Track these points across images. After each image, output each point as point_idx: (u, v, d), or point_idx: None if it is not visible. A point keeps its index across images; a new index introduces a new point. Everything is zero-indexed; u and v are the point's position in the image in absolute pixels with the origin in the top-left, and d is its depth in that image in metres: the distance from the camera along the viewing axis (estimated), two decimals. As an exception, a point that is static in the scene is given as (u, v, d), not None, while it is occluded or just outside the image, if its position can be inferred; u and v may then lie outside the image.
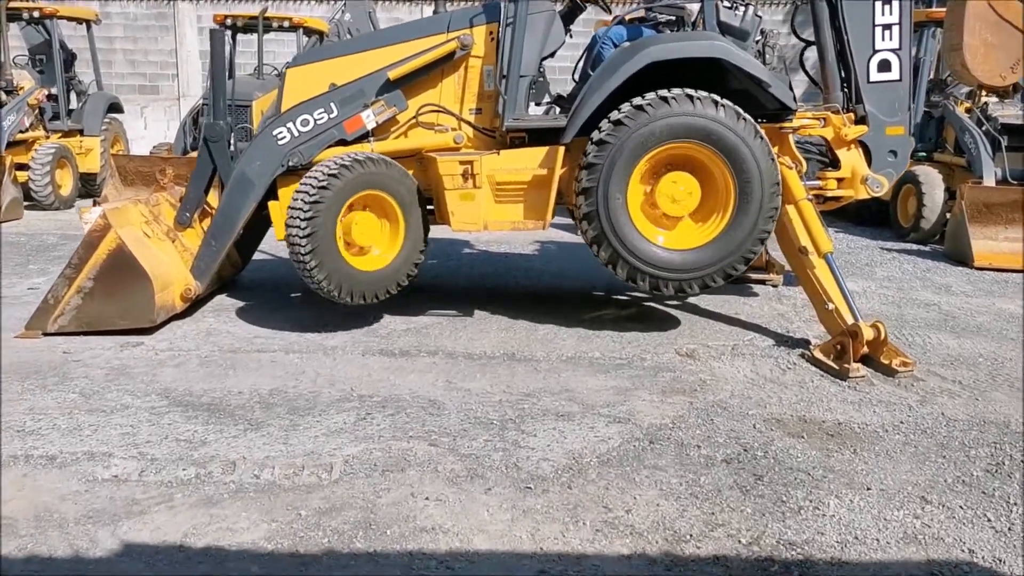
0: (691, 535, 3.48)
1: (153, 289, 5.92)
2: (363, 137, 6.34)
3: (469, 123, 6.33)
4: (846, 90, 6.59)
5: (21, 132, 12.78)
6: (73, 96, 14.39)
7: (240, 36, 14.43)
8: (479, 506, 3.67)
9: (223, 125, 6.56)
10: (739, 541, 3.45)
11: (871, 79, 6.46)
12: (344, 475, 3.92)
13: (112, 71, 17.47)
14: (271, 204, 6.32)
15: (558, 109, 6.88)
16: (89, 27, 14.73)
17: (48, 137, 13.28)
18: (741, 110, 5.76)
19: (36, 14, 13.67)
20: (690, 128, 5.71)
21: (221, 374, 5.28)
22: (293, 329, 6.25)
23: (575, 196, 5.90)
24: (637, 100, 5.76)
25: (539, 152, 6.07)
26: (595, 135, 5.80)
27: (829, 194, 6.55)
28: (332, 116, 6.28)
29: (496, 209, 6.11)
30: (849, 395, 5.10)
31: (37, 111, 13.25)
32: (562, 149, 6.01)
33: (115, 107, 14.81)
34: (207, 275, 6.42)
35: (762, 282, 7.88)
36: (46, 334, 5.96)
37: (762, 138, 5.77)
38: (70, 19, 14.51)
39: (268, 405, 4.76)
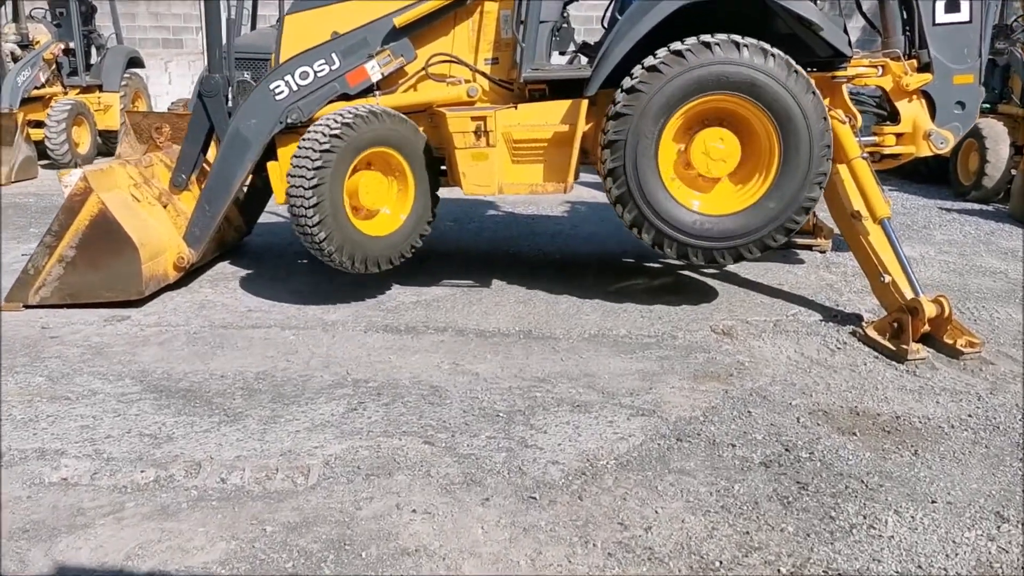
0: (721, 561, 2.94)
1: (140, 258, 5.45)
2: (368, 91, 5.76)
3: (484, 74, 5.73)
4: (908, 33, 5.88)
5: (36, 88, 12.36)
6: (94, 51, 13.94)
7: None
8: (473, 521, 3.15)
9: (219, 79, 6.03)
10: (778, 570, 2.90)
11: (937, 21, 5.74)
12: (323, 480, 3.43)
13: (134, 24, 16.99)
14: (269, 165, 5.81)
15: (583, 59, 6.24)
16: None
17: (65, 93, 12.87)
18: (793, 61, 5.09)
19: (52, -36, 13.22)
20: (734, 79, 5.06)
21: (207, 354, 4.81)
22: (294, 301, 5.76)
23: (600, 150, 5.29)
24: (676, 45, 5.11)
25: (561, 106, 5.46)
26: (626, 82, 5.17)
27: (887, 151, 5.88)
28: (334, 68, 5.72)
29: (512, 170, 5.52)
30: (908, 381, 4.49)
31: (54, 66, 12.82)
32: (586, 102, 5.39)
33: (135, 62, 14.34)
34: (201, 242, 5.94)
35: (808, 247, 7.21)
36: (27, 306, 5.53)
37: (815, 94, 5.10)
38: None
39: (251, 391, 4.28)
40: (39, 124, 11.93)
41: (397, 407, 4.10)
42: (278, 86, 5.72)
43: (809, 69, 5.33)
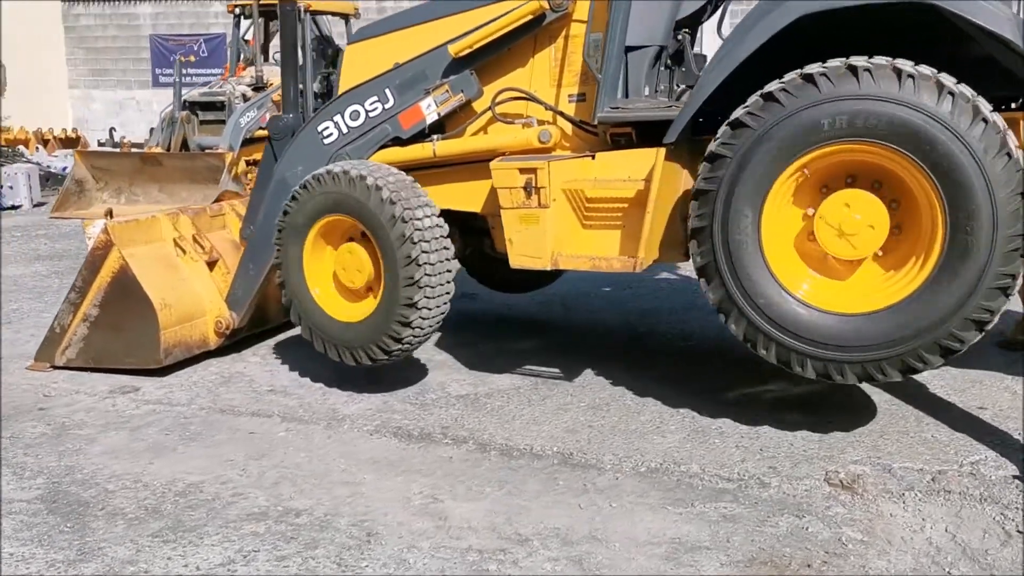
0: None
1: (159, 323, 4.78)
2: (427, 132, 4.74)
3: (562, 114, 4.49)
4: None
5: (261, 128, 12.61)
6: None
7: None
8: None
9: (289, 119, 5.26)
10: None
11: None
12: None
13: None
14: (317, 219, 4.94)
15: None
16: (348, 21, 14.43)
17: (292, 135, 13.04)
18: (984, 104, 3.43)
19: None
20: (881, 123, 3.47)
21: (168, 448, 4.00)
22: (327, 381, 4.85)
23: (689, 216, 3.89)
24: (812, 67, 3.62)
25: (636, 156, 4.11)
26: (735, 114, 3.74)
27: None
28: (387, 106, 4.75)
29: (573, 237, 4.22)
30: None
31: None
32: (662, 152, 4.00)
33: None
34: (244, 304, 5.17)
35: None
36: (54, 367, 5.05)
37: (1010, 155, 3.39)
38: (326, 14, 14.26)
39: (150, 513, 3.37)
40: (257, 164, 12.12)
41: (296, 560, 3.00)
42: (327, 127, 4.86)
43: (1005, 108, 3.63)
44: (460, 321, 6.25)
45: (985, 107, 3.41)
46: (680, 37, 4.52)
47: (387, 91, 4.74)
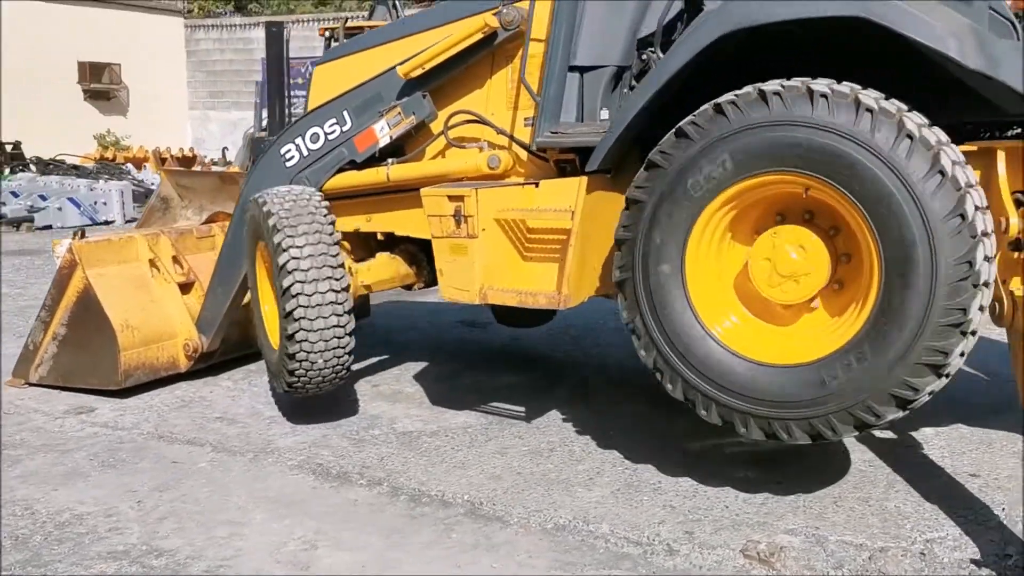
0: None
1: (118, 345, 4.76)
2: (382, 157, 4.56)
3: (513, 139, 4.23)
4: None
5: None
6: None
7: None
8: None
9: (272, 141, 5.19)
10: None
11: None
12: None
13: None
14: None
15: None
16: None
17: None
18: (913, 119, 3.00)
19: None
20: (800, 150, 3.09)
21: (81, 474, 3.95)
22: (283, 410, 4.73)
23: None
24: (724, 97, 3.27)
25: (566, 186, 3.80)
26: (652, 156, 3.43)
27: None
28: (345, 128, 4.60)
29: (509, 270, 3.93)
30: None
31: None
32: (584, 181, 3.68)
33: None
34: (212, 327, 5.10)
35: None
36: (28, 384, 5.12)
37: (942, 174, 2.94)
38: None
39: (22, 545, 3.30)
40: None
41: (122, 611, 2.84)
42: (288, 150, 4.75)
43: (984, 136, 3.19)
44: (455, 351, 6.05)
45: (913, 122, 2.97)
46: (645, 56, 4.18)
47: (345, 113, 4.59)
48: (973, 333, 3.04)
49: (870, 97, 3.04)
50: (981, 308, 3.02)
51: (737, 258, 3.48)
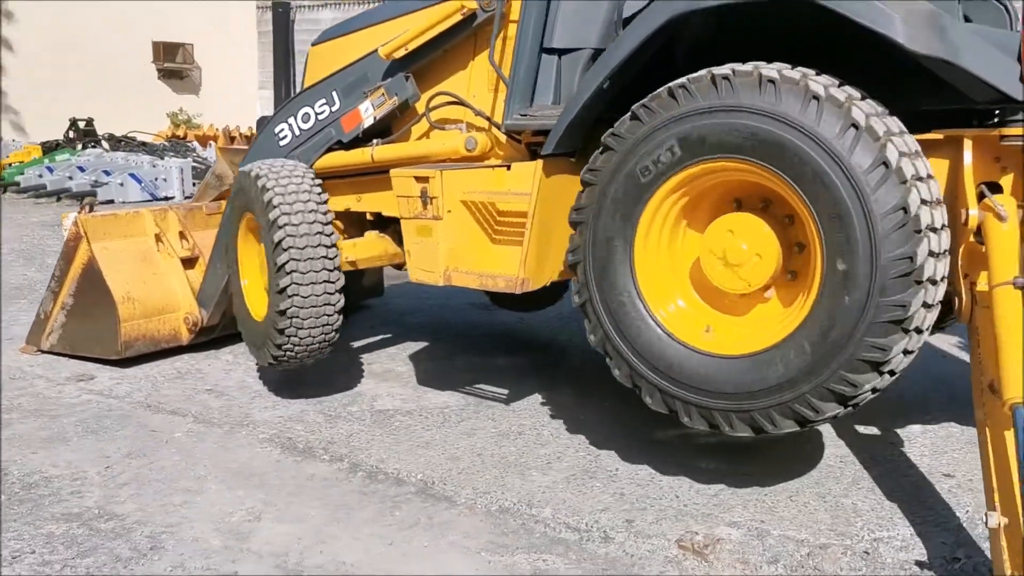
0: None
1: (119, 315, 4.93)
2: (367, 137, 4.61)
3: (491, 120, 4.22)
4: None
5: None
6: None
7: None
8: None
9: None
10: None
11: None
12: None
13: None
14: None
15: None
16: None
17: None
18: (861, 107, 2.91)
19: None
20: (745, 136, 3.02)
21: (63, 439, 4.11)
22: (269, 385, 4.84)
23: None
24: (678, 82, 3.21)
25: (527, 169, 3.79)
26: (605, 139, 3.40)
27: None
28: (333, 109, 4.67)
29: (475, 252, 3.94)
30: None
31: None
32: (540, 164, 3.66)
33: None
34: (212, 301, 5.23)
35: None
36: (40, 351, 5.33)
37: (886, 165, 2.84)
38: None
39: (-17, 503, 3.44)
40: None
41: (55, 567, 2.96)
42: (282, 129, 4.84)
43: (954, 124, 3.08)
44: (460, 333, 6.08)
45: (861, 111, 2.87)
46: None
47: (333, 94, 4.66)
48: (918, 330, 2.95)
49: (819, 84, 2.95)
50: (927, 305, 2.91)
51: (693, 246, 3.43)
